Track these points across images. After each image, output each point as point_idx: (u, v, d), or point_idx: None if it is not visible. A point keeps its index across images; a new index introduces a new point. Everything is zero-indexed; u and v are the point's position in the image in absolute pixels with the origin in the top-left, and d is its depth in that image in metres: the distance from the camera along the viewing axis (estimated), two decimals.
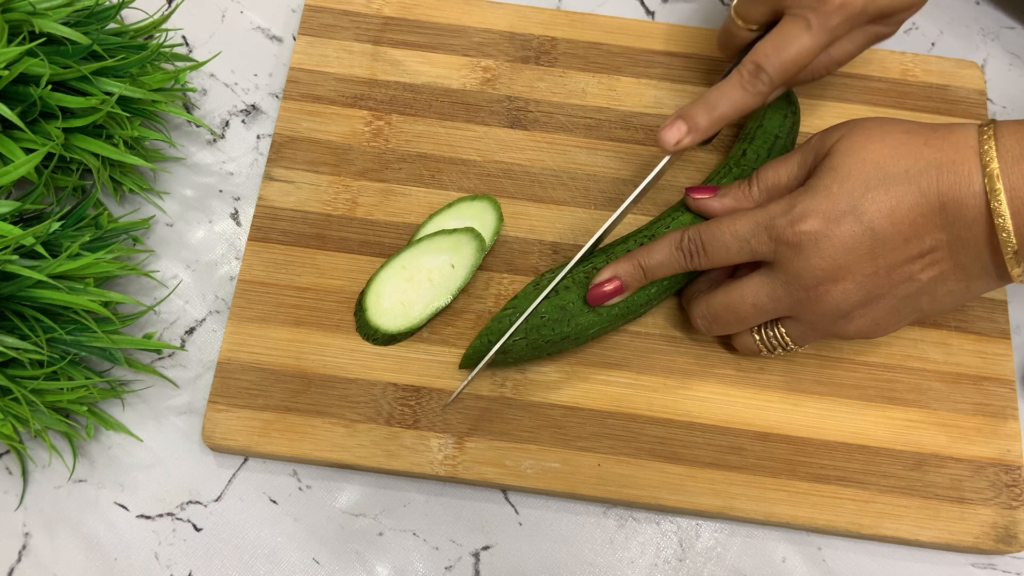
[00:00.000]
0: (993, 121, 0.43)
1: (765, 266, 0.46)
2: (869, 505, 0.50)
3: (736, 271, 0.51)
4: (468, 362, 0.50)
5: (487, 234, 0.54)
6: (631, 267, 0.48)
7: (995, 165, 0.41)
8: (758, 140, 0.54)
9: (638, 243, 0.51)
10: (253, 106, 0.60)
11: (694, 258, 0.47)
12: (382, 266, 0.53)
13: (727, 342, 0.53)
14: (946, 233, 0.43)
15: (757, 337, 0.49)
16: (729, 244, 0.46)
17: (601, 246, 0.51)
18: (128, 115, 0.51)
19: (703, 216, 0.50)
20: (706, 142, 0.54)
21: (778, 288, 0.45)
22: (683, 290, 0.52)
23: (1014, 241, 0.41)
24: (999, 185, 0.41)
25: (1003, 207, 0.41)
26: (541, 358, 0.51)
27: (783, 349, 0.48)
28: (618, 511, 0.51)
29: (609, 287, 0.48)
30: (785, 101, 0.55)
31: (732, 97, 0.50)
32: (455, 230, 0.53)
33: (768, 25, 0.51)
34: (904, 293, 0.45)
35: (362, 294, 0.52)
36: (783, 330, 0.47)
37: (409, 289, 0.52)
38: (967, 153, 0.42)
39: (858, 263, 0.43)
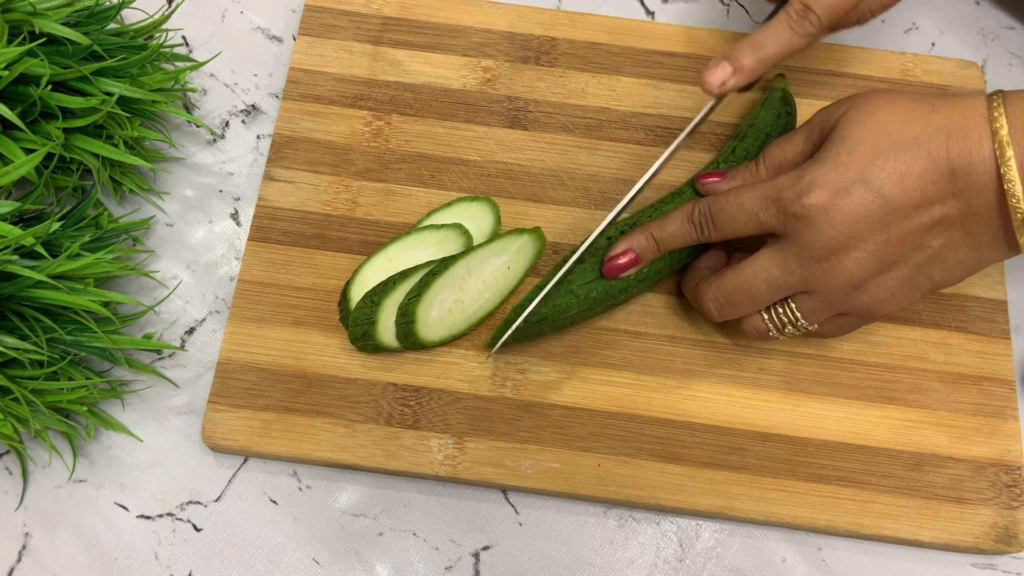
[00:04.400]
0: (1001, 91, 0.43)
1: (775, 240, 0.45)
2: (869, 505, 0.50)
3: (734, 254, 0.51)
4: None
5: (484, 235, 0.54)
6: (644, 239, 0.49)
7: (1005, 131, 0.41)
8: (749, 138, 0.54)
9: (628, 225, 0.51)
10: (253, 106, 0.60)
11: (704, 230, 0.47)
12: (368, 258, 0.53)
13: (727, 338, 0.53)
14: (956, 200, 0.42)
15: (766, 316, 0.48)
16: (736, 216, 0.45)
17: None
18: (128, 115, 0.51)
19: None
20: (748, 88, 0.52)
21: (789, 261, 0.45)
22: (682, 280, 0.52)
23: (1023, 208, 0.41)
24: (1009, 151, 0.40)
25: (1013, 172, 0.41)
26: (522, 341, 0.51)
27: (793, 327, 0.47)
28: (618, 511, 0.51)
29: (624, 259, 0.49)
30: (780, 101, 0.55)
31: (779, 38, 0.49)
32: (443, 225, 0.53)
33: None
34: (917, 261, 0.44)
35: (347, 285, 0.52)
36: (793, 306, 0.46)
37: None
38: (976, 119, 0.42)
39: (870, 231, 0.43)
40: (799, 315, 0.47)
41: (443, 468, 0.49)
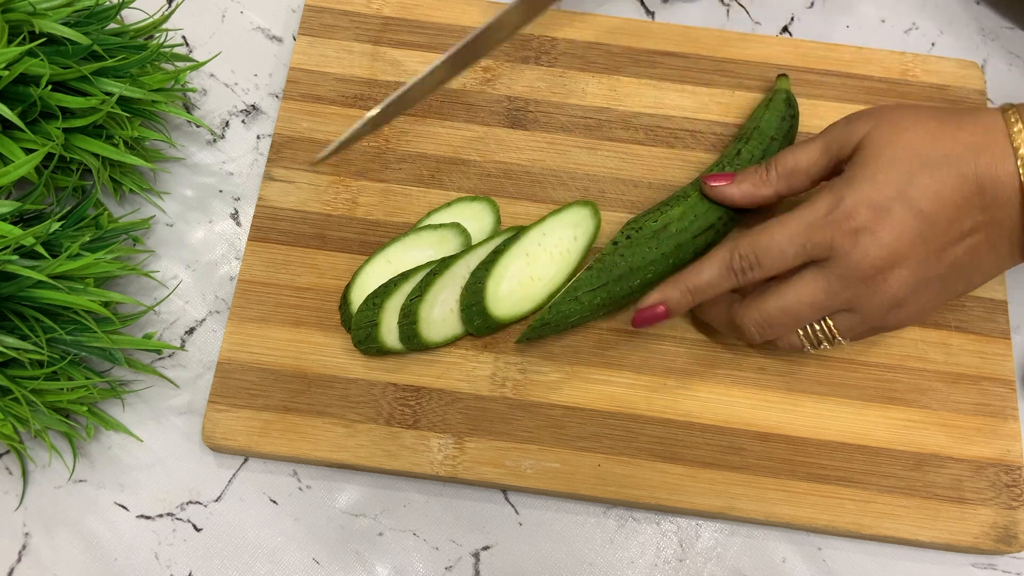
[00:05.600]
0: (1012, 105, 0.44)
1: (815, 263, 0.45)
2: (869, 505, 0.50)
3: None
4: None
5: (484, 235, 0.54)
6: (679, 294, 0.48)
7: None
8: (753, 141, 0.54)
9: (634, 229, 0.51)
10: (253, 106, 0.60)
11: (747, 274, 0.46)
12: (367, 260, 0.53)
13: (731, 342, 0.53)
14: (983, 214, 0.44)
15: (802, 332, 0.47)
16: (786, 250, 0.45)
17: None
18: (128, 115, 0.51)
19: (719, 203, 0.51)
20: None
21: (834, 283, 0.45)
22: (701, 306, 0.51)
23: None
24: None
25: None
26: (523, 343, 0.51)
27: (828, 342, 0.47)
28: (618, 511, 0.51)
29: (656, 311, 0.48)
30: (785, 103, 0.55)
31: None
32: (441, 225, 0.53)
33: None
34: (948, 275, 0.45)
35: (347, 288, 0.52)
36: (831, 323, 0.46)
37: None
38: (998, 136, 0.43)
39: (911, 248, 0.44)
40: (836, 331, 0.47)
41: (443, 468, 0.49)
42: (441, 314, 0.51)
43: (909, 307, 0.46)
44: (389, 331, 0.50)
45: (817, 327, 0.47)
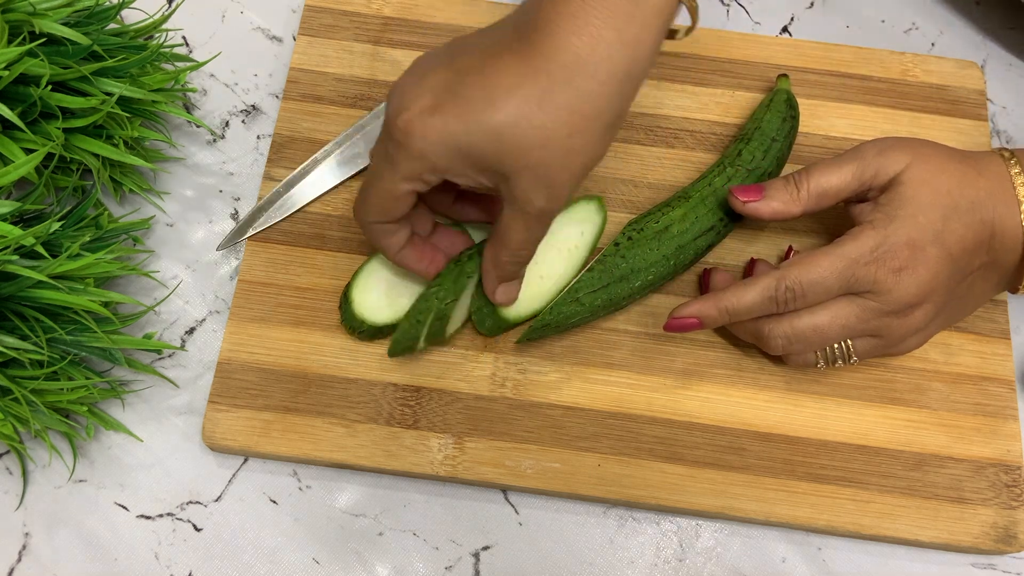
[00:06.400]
0: (1012, 153, 0.48)
1: (853, 292, 0.47)
2: (869, 505, 0.50)
3: (756, 265, 0.52)
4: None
5: (484, 233, 0.54)
6: (716, 313, 0.49)
7: None
8: (755, 141, 0.54)
9: (635, 230, 0.51)
10: (253, 106, 0.60)
11: (789, 304, 0.47)
12: (368, 259, 0.53)
13: (727, 338, 0.53)
14: (988, 255, 0.48)
15: (819, 351, 0.49)
16: (831, 286, 0.46)
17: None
18: (128, 115, 0.51)
19: (746, 216, 0.50)
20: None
21: (868, 311, 0.47)
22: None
23: None
24: None
25: None
26: (525, 344, 0.52)
27: (843, 361, 0.49)
28: (618, 511, 0.51)
29: (688, 321, 0.49)
30: (786, 104, 0.55)
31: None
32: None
33: None
34: (955, 306, 0.49)
35: (348, 286, 0.52)
36: (850, 343, 0.48)
37: (396, 281, 0.52)
38: (1008, 185, 0.47)
39: (939, 285, 0.47)
40: (854, 352, 0.48)
41: (443, 468, 0.49)
42: (460, 314, 0.51)
43: (922, 335, 0.49)
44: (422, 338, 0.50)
45: (837, 347, 0.48)
